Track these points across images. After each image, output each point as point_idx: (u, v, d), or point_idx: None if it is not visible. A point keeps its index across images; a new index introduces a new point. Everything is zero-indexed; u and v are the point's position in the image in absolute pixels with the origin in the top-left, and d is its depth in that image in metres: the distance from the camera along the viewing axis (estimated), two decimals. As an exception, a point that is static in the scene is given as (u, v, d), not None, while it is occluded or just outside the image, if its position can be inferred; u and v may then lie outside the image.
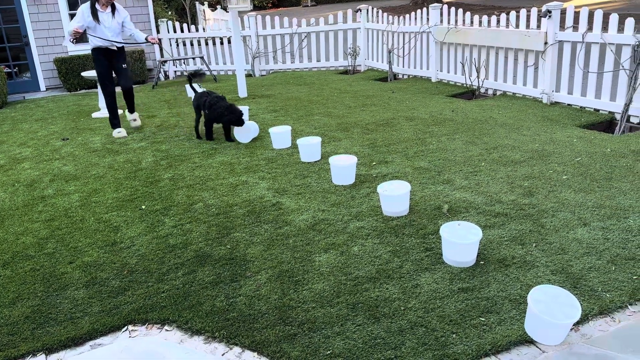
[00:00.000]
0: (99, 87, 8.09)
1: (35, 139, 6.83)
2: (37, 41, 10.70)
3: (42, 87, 11.04)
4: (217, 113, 5.78)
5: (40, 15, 10.60)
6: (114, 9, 6.18)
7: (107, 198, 4.52)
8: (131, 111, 6.83)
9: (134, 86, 11.36)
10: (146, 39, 6.22)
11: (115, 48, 6.28)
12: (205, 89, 6.23)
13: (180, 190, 4.56)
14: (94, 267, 3.33)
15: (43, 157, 5.96)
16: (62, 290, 3.09)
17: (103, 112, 8.07)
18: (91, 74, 8.12)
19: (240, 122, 5.76)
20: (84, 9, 6.00)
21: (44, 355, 2.57)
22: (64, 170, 5.41)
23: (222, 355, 2.47)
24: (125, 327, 2.74)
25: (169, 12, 16.88)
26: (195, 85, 6.61)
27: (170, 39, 11.41)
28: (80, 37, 5.97)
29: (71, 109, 8.73)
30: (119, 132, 6.56)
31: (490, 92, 7.84)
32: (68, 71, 10.54)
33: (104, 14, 6.08)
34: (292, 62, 11.36)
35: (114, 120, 6.58)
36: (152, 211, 4.16)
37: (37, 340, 2.65)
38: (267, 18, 11.07)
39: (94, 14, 5.99)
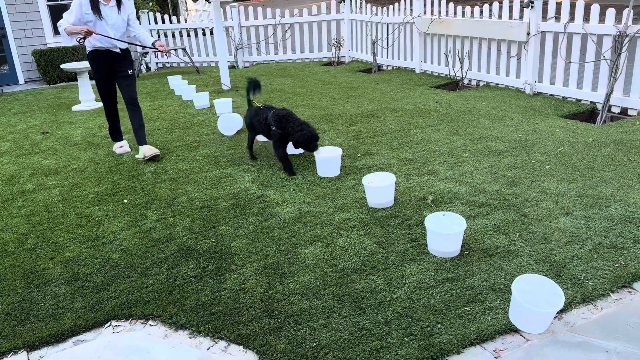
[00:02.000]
0: (79, 79, 7.96)
1: (14, 132, 6.69)
2: (15, 33, 10.47)
3: (21, 80, 10.83)
4: (299, 136, 4.29)
5: (18, 6, 10.38)
6: (119, 1, 4.97)
7: (88, 192, 4.45)
8: (142, 142, 5.19)
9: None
10: (153, 44, 5.06)
11: (118, 50, 5.04)
12: (264, 104, 4.82)
13: (163, 184, 4.51)
14: (76, 263, 3.28)
15: (22, 151, 5.85)
16: (44, 287, 3.03)
17: (84, 105, 7.95)
18: (71, 66, 7.99)
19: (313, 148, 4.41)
20: (82, 0, 4.78)
21: (25, 353, 2.53)
22: (44, 164, 5.31)
23: (208, 349, 2.45)
24: (109, 322, 2.70)
25: (150, 3, 16.63)
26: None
27: (151, 30, 11.25)
28: (83, 39, 4.74)
29: (51, 102, 8.58)
30: (121, 147, 5.45)
31: (473, 83, 7.87)
32: (47, 63, 10.35)
33: (107, 7, 4.86)
34: (275, 54, 11.29)
35: (115, 134, 5.47)
36: (135, 205, 4.10)
37: (18, 338, 2.60)
38: (250, 9, 10.97)
39: (95, 6, 4.77)
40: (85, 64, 8.02)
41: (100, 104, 8.04)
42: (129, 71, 5.14)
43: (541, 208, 3.56)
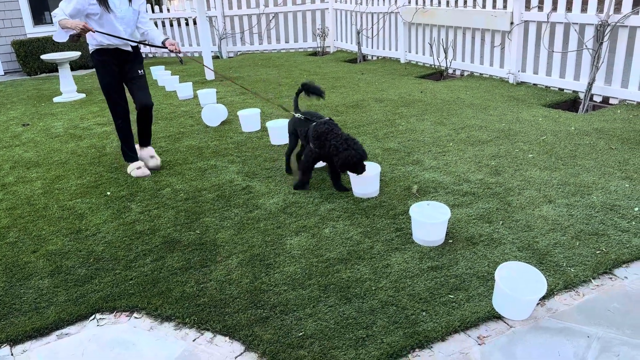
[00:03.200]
0: (60, 70, 7.83)
1: (-6, 125, 6.58)
2: (-7, 23, 10.26)
3: (0, 71, 10.62)
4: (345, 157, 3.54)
5: (-5, -5, 10.16)
6: None
7: (70, 185, 4.39)
8: (145, 143, 4.59)
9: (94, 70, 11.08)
10: (163, 43, 4.17)
11: (129, 49, 4.22)
12: (310, 113, 4.01)
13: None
14: (59, 256, 3.25)
15: (3, 143, 5.75)
16: (26, 280, 3.00)
17: (65, 97, 7.83)
18: (52, 57, 7.85)
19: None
20: None
21: (8, 347, 2.50)
22: (25, 156, 5.23)
23: (194, 340, 2.45)
24: (93, 315, 2.68)
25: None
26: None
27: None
28: (78, 36, 3.94)
29: (31, 94, 8.43)
30: (139, 169, 4.42)
31: (458, 72, 7.90)
32: (27, 54, 10.16)
33: None
34: (260, 44, 11.21)
35: (130, 152, 4.45)
36: (118, 197, 4.06)
37: (0, 332, 2.57)
38: (234, -2, 10.86)
39: None
40: (67, 55, 7.89)
41: (82, 95, 7.94)
42: (140, 71, 4.30)
43: (524, 196, 3.60)
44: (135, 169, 4.39)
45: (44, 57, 7.91)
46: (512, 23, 6.67)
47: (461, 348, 2.28)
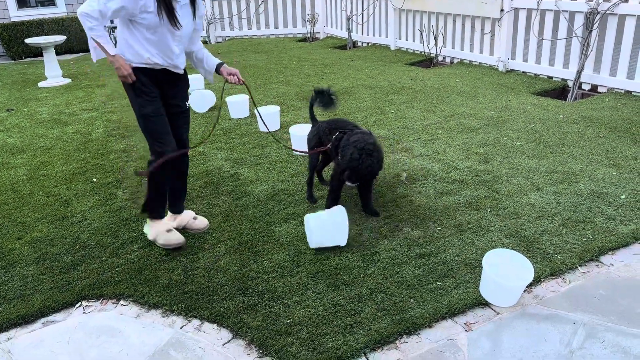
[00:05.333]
0: (45, 54, 7.69)
1: (-23, 110, 6.46)
2: (-25, 5, 10.04)
3: (-17, 55, 10.42)
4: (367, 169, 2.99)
5: (-23, -23, 9.93)
6: None
7: (56, 171, 4.33)
8: (179, 208, 3.28)
9: (83, 54, 10.87)
10: (218, 70, 3.12)
11: (181, 70, 2.99)
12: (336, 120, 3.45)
13: (134, 162, 4.42)
14: (44, 243, 3.20)
15: (-14, 129, 5.65)
16: (11, 267, 2.96)
17: (50, 81, 7.71)
18: (36, 40, 7.71)
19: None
20: None
21: (-8, 335, 2.47)
22: (10, 142, 5.15)
23: (181, 328, 2.44)
24: (79, 303, 2.66)
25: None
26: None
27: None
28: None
29: (16, 78, 8.28)
30: (169, 232, 3.06)
31: (447, 60, 7.88)
32: (11, 38, 9.97)
33: (180, 5, 2.79)
34: (249, 29, 11.09)
35: (160, 207, 3.10)
36: (104, 184, 4.02)
37: (-16, 320, 2.54)
38: (222, -17, 10.71)
39: (167, 3, 2.70)
40: (52, 39, 7.75)
41: (68, 80, 7.81)
42: (186, 103, 3.11)
43: (512, 184, 3.61)
44: (164, 233, 3.03)
45: (28, 41, 7.76)
46: (502, 10, 6.65)
47: (448, 334, 2.30)
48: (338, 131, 3.24)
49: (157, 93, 2.89)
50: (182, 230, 3.22)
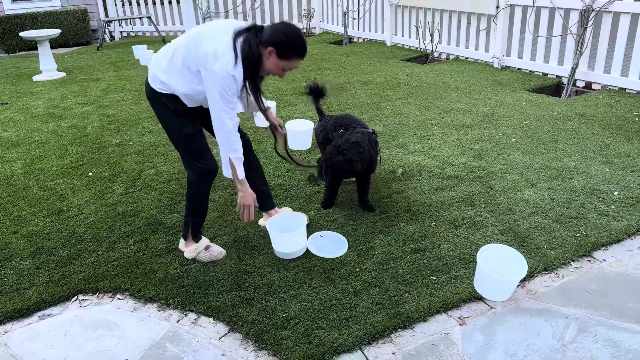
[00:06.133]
0: (40, 48, 7.65)
1: (-29, 103, 6.43)
2: (-31, -2, 9.96)
3: (-23, 48, 10.35)
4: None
5: (-29, -31, 9.85)
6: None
7: (51, 165, 4.33)
8: (271, 204, 3.20)
9: (78, 48, 10.84)
10: (267, 114, 2.97)
11: None
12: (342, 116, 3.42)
13: (129, 157, 4.42)
14: (40, 237, 3.21)
15: (-20, 122, 5.63)
16: (7, 261, 2.96)
17: (45, 75, 7.67)
18: (31, 34, 7.66)
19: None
20: (233, 73, 2.36)
21: (-12, 328, 2.47)
22: (5, 136, 5.13)
23: (177, 321, 2.45)
24: (75, 296, 2.66)
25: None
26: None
27: (115, -2, 10.86)
28: None
29: (10, 72, 8.24)
30: (209, 248, 2.90)
31: (443, 56, 7.89)
32: (5, 31, 9.90)
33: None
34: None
35: (200, 227, 2.92)
36: (100, 178, 4.01)
37: (-20, 313, 2.54)
38: (218, -23, 10.67)
39: (255, 86, 2.53)
40: (47, 32, 7.70)
41: (63, 74, 7.78)
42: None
43: (506, 180, 3.64)
44: (203, 250, 2.88)
45: (23, 34, 7.71)
46: (498, 7, 6.67)
47: (443, 328, 2.32)
48: (342, 128, 3.22)
49: (198, 115, 2.71)
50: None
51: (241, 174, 2.60)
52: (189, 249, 2.89)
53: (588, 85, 5.92)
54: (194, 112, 2.66)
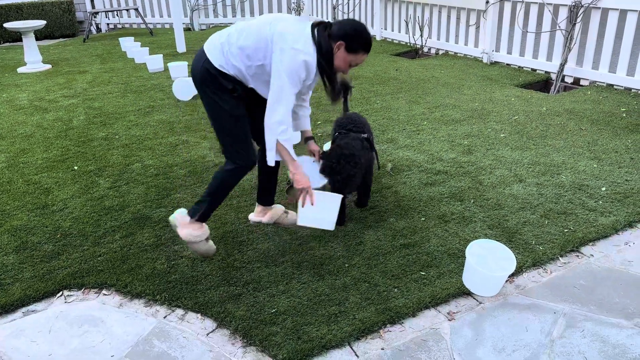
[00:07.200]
0: (24, 39, 7.52)
1: (-46, 95, 6.31)
2: (-49, -13, 9.76)
3: (-40, 38, 10.16)
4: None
5: (-47, -42, 9.65)
6: None
7: (36, 158, 4.26)
8: (270, 200, 3.05)
9: (64, 40, 10.67)
10: (307, 140, 2.94)
11: None
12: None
13: (116, 150, 4.36)
14: (24, 231, 3.15)
15: (-37, 114, 5.52)
16: (-11, 257, 2.91)
17: (30, 67, 7.55)
18: (15, 25, 7.53)
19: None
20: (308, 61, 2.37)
21: (-29, 325, 2.43)
22: (-12, 129, 5.04)
23: (164, 317, 2.42)
24: (60, 292, 2.62)
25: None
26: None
27: (102, -11, 10.71)
28: None
29: (-7, 63, 8.10)
30: (207, 241, 2.73)
31: (433, 51, 7.89)
32: (-12, 22, 9.73)
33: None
34: (233, 16, 10.97)
35: (209, 213, 2.72)
36: (86, 172, 3.96)
37: (-38, 310, 2.50)
38: (207, -31, 10.56)
39: (330, 72, 2.48)
40: (31, 23, 7.57)
41: (48, 66, 7.66)
42: None
43: (495, 175, 3.64)
44: (203, 242, 2.69)
45: (7, 25, 7.57)
46: (487, 2, 6.67)
47: (432, 323, 2.32)
48: (338, 131, 3.11)
49: (245, 100, 2.58)
50: (273, 224, 3.04)
51: (293, 155, 2.50)
52: (189, 230, 2.63)
53: (576, 81, 5.95)
54: (245, 98, 2.56)
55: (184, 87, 5.66)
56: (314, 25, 2.42)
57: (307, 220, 2.62)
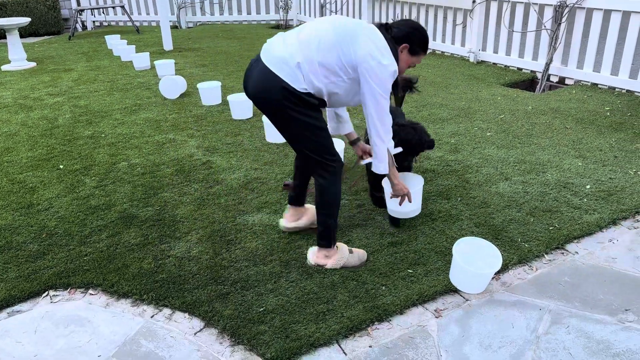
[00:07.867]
0: (8, 37, 7.42)
1: (-64, 93, 6.20)
2: None
3: (-59, 35, 9.99)
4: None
5: None
6: None
7: (21, 157, 4.21)
8: (304, 202, 3.05)
9: (49, 37, 10.55)
10: (354, 142, 3.03)
11: None
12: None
13: (102, 149, 4.32)
14: (9, 231, 3.12)
15: (-55, 113, 5.44)
16: (-27, 257, 2.87)
17: (14, 65, 7.45)
18: (1, 22, 7.42)
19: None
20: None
21: (-46, 326, 2.39)
22: (-29, 127, 4.97)
23: (152, 317, 2.41)
24: (46, 292, 2.60)
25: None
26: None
27: (87, -14, 10.60)
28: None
29: (-24, 61, 7.98)
30: (351, 252, 2.73)
31: (420, 50, 7.91)
32: (-29, 18, 9.58)
33: None
34: (221, 14, 10.92)
35: (334, 233, 2.70)
36: (71, 171, 3.92)
37: (-54, 311, 2.46)
38: (194, -33, 10.50)
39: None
40: (15, 20, 7.47)
41: (33, 64, 7.57)
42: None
43: (482, 174, 3.67)
44: (351, 256, 2.70)
45: (-10, 22, 7.47)
46: (474, 1, 6.71)
47: (419, 321, 2.33)
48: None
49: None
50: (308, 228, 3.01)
51: (399, 184, 2.68)
52: (335, 259, 2.65)
53: (561, 80, 6.01)
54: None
55: (171, 86, 5.63)
56: (378, 29, 2.40)
57: (399, 214, 2.90)
